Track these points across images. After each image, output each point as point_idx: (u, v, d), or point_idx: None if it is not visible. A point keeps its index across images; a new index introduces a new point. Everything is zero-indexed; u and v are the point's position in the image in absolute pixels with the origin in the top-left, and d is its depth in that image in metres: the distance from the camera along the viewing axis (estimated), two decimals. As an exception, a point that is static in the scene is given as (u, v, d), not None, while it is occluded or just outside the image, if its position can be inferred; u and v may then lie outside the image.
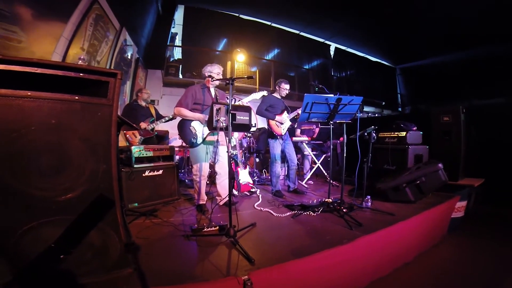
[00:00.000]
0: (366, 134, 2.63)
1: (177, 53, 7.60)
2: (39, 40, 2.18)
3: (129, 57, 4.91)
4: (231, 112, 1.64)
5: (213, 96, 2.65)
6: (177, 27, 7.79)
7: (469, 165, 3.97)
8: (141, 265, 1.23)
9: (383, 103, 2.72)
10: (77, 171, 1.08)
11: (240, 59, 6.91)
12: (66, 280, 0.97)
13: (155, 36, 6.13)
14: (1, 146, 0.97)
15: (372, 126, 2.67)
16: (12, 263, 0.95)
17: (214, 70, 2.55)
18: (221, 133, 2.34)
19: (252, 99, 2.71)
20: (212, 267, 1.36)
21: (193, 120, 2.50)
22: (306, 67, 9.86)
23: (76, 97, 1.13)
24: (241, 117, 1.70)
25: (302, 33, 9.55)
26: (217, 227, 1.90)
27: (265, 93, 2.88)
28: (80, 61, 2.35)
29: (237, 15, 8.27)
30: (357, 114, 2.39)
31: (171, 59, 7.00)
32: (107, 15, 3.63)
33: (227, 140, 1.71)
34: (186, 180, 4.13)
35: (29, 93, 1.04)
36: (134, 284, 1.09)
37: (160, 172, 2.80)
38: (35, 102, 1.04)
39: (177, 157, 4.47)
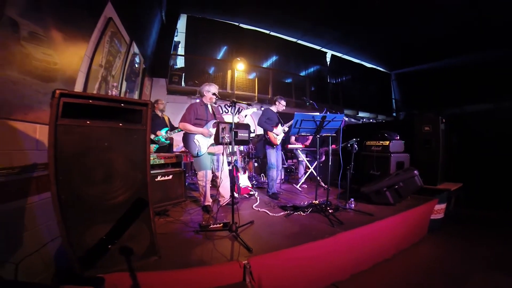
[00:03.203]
0: (349, 145, 3.02)
1: (180, 61, 7.98)
2: (68, 61, 2.36)
3: (137, 68, 5.25)
4: (234, 130, 2.03)
5: (211, 112, 3.04)
6: (179, 35, 8.15)
7: (450, 170, 4.36)
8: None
9: (371, 119, 3.02)
10: (122, 181, 1.45)
11: (240, 68, 7.28)
12: (113, 264, 1.34)
13: (159, 45, 6.42)
14: (70, 163, 1.33)
15: (354, 139, 3.06)
16: (75, 253, 1.31)
17: (212, 90, 2.93)
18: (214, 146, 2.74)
19: (250, 113, 3.10)
20: (218, 255, 1.73)
21: (196, 134, 2.87)
22: (303, 73, 10.25)
23: (120, 124, 1.50)
24: (242, 134, 2.08)
25: (299, 41, 9.96)
26: (221, 224, 2.26)
27: (254, 109, 3.28)
28: (114, 89, 2.69)
29: (237, 24, 8.66)
30: (339, 128, 2.76)
31: (174, 67, 7.36)
32: (119, 31, 3.83)
33: (230, 151, 2.08)
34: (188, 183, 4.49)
35: (88, 122, 1.41)
36: (159, 268, 1.45)
37: (170, 177, 3.17)
38: (92, 129, 1.41)
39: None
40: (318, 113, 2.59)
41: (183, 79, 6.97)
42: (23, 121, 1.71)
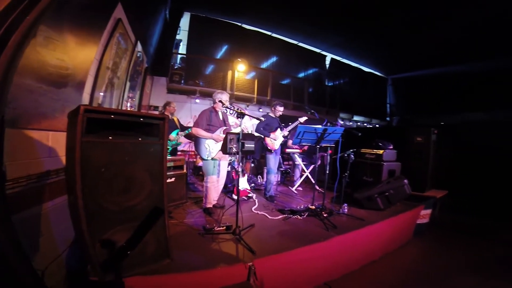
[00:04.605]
0: (346, 155, 3.21)
1: (181, 60, 7.99)
2: (79, 65, 2.31)
3: (140, 67, 5.28)
4: (241, 141, 2.18)
5: (221, 118, 3.21)
6: (182, 33, 8.13)
7: (437, 178, 4.62)
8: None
9: (359, 134, 3.20)
10: (141, 191, 1.59)
11: (240, 69, 7.37)
12: (130, 268, 1.48)
13: (161, 43, 6.37)
14: (93, 177, 1.45)
15: (351, 150, 3.25)
16: (98, 259, 1.44)
17: (224, 98, 3.09)
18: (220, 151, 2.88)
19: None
20: (225, 256, 1.90)
21: (207, 139, 3.03)
22: (302, 75, 10.38)
23: (140, 139, 1.64)
24: (248, 145, 2.24)
25: (300, 44, 10.07)
26: (224, 227, 2.43)
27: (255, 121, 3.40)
28: (128, 103, 2.78)
29: (240, 24, 8.69)
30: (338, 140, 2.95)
31: (176, 66, 7.39)
32: (127, 31, 3.77)
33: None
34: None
35: (110, 138, 1.54)
36: (171, 271, 1.61)
37: (173, 179, 3.31)
38: (114, 145, 1.54)
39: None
40: (320, 126, 2.76)
41: (183, 78, 7.02)
42: (38, 130, 1.76)
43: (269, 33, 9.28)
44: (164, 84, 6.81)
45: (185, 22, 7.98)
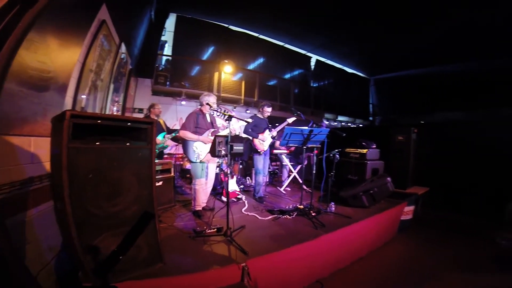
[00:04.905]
0: (331, 155, 3.32)
1: (166, 62, 7.86)
2: (62, 68, 2.23)
3: (123, 69, 5.16)
4: (230, 143, 2.20)
5: (209, 121, 3.21)
6: (167, 34, 8.01)
7: (419, 175, 4.83)
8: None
9: (343, 134, 3.33)
10: (130, 196, 1.58)
11: (227, 70, 7.37)
12: (118, 275, 1.46)
13: (146, 44, 6.29)
14: (81, 183, 1.42)
15: (336, 150, 3.36)
16: (89, 265, 1.42)
17: (211, 100, 3.09)
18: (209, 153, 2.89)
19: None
20: (217, 258, 1.91)
21: (195, 141, 3.01)
22: (288, 76, 10.53)
23: (128, 144, 1.62)
24: (237, 147, 2.27)
25: (286, 45, 10.23)
26: (215, 229, 2.43)
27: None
28: (115, 107, 2.70)
29: (226, 26, 8.68)
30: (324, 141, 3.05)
31: (160, 68, 7.27)
32: (111, 33, 3.67)
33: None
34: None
35: (97, 143, 1.51)
36: (164, 275, 1.60)
37: (161, 183, 3.27)
38: (101, 150, 1.51)
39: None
40: (306, 127, 2.84)
41: (168, 80, 6.93)
42: (20, 135, 1.70)
43: (256, 34, 9.34)
44: (149, 86, 6.70)
45: (171, 23, 7.88)
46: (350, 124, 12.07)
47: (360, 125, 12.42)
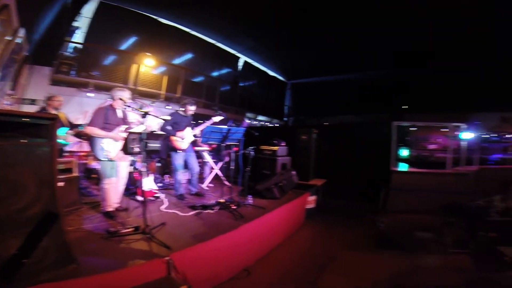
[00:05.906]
0: (247, 152, 3.73)
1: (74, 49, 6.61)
2: None
3: (17, 56, 4.14)
4: (144, 140, 2.18)
5: (120, 116, 3.00)
6: (83, 20, 6.81)
7: (320, 169, 5.84)
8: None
9: (256, 133, 3.80)
10: (29, 196, 1.43)
11: (148, 63, 6.81)
12: (28, 278, 1.31)
13: (52, 30, 5.25)
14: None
15: (251, 147, 3.80)
16: None
17: (125, 95, 2.89)
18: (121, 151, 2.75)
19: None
20: (139, 254, 1.90)
21: (104, 138, 2.77)
22: (216, 74, 10.59)
23: (26, 141, 1.46)
24: (152, 144, 2.26)
25: (218, 44, 10.24)
26: (132, 228, 2.34)
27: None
28: (6, 102, 2.06)
29: (155, 18, 8.01)
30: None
31: (66, 55, 6.13)
32: (10, 17, 3.19)
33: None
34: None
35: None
36: (80, 275, 1.52)
37: (62, 183, 2.83)
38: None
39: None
40: (226, 126, 3.08)
41: (75, 69, 5.90)
42: None
43: (187, 29, 8.99)
44: (47, 75, 5.54)
45: (90, 9, 6.71)
46: (268, 124, 13.25)
47: (276, 125, 13.80)
